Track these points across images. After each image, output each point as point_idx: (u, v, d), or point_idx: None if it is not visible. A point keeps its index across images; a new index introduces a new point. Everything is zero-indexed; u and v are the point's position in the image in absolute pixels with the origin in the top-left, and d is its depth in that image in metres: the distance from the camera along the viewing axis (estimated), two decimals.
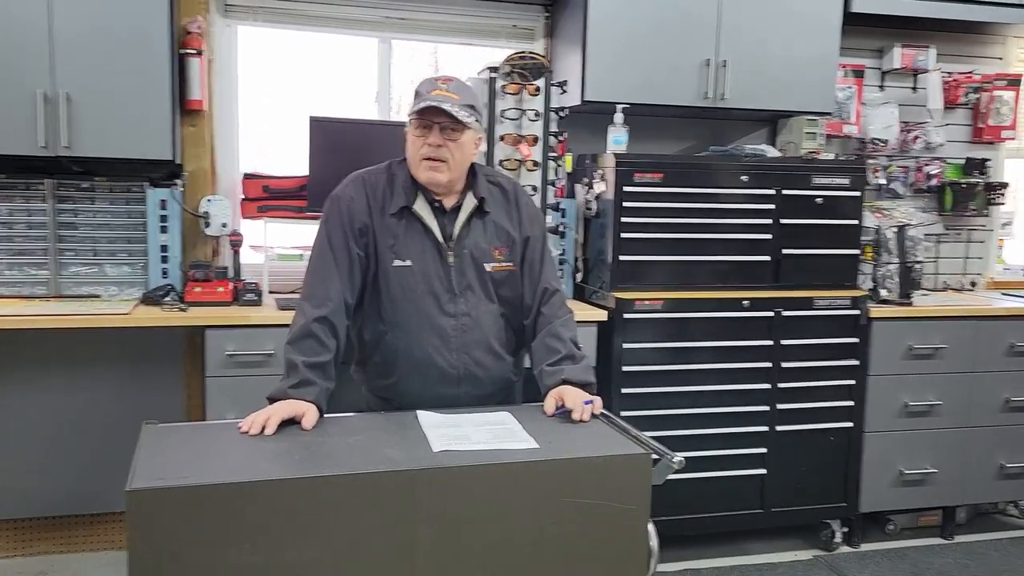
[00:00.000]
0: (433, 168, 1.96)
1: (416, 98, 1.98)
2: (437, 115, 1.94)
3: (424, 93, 1.96)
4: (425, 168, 1.97)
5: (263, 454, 1.61)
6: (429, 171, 1.97)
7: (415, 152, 1.98)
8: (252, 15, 3.35)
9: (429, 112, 1.93)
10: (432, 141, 1.95)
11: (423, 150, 1.96)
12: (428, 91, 1.95)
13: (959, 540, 3.59)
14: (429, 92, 1.95)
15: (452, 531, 1.54)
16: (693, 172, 3.20)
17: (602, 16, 3.21)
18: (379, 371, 2.07)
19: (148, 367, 3.24)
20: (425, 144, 1.96)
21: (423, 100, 1.93)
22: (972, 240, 4.13)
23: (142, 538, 1.39)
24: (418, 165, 1.98)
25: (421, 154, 1.96)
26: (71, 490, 3.17)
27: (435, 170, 1.97)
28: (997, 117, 4.02)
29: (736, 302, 3.19)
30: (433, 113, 1.93)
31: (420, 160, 1.97)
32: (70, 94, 2.82)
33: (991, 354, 3.50)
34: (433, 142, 1.95)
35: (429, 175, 1.97)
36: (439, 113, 1.93)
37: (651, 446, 1.70)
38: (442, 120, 1.94)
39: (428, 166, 1.96)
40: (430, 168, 1.97)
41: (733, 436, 3.23)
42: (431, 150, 1.95)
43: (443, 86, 1.96)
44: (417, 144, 1.97)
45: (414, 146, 1.99)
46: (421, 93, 1.97)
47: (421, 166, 1.97)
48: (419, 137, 1.97)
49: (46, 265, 3.09)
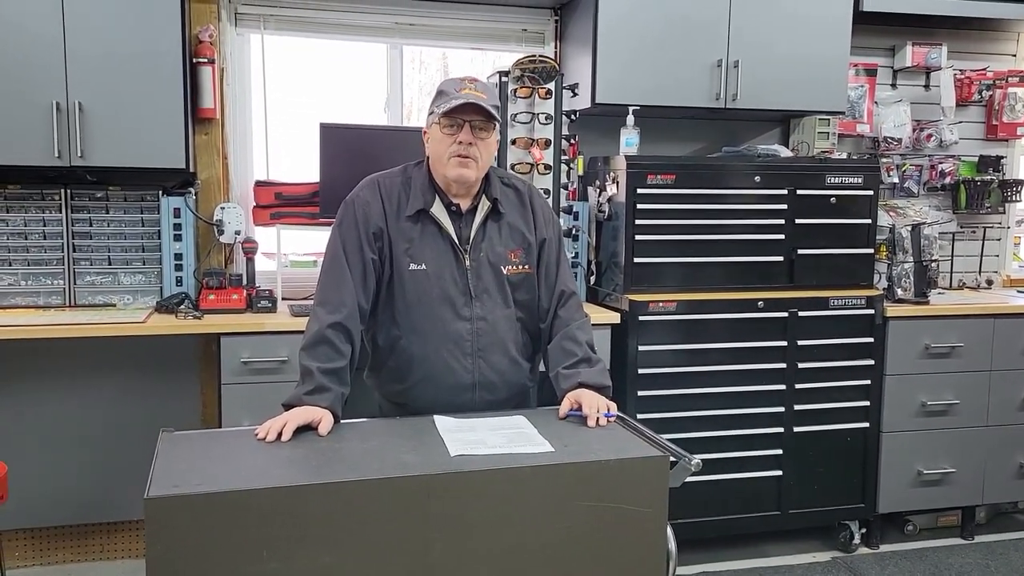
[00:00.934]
0: (463, 164, 1.94)
1: (441, 97, 1.95)
2: (470, 113, 1.92)
3: (453, 92, 1.93)
4: (455, 164, 1.94)
5: (279, 461, 1.61)
6: (459, 167, 1.94)
7: (443, 150, 1.95)
8: (263, 23, 3.36)
9: (462, 110, 1.91)
10: (464, 139, 1.93)
11: (453, 148, 1.94)
12: (457, 90, 1.93)
13: (979, 540, 3.56)
14: (459, 91, 1.93)
15: (468, 536, 1.54)
16: (706, 173, 3.19)
17: (612, 18, 3.21)
18: (393, 376, 2.05)
19: (163, 375, 3.25)
20: (456, 142, 1.93)
21: (454, 98, 1.91)
22: (988, 238, 4.10)
23: (160, 546, 1.39)
24: (447, 163, 1.95)
25: (451, 151, 1.94)
26: (88, 499, 3.19)
27: (465, 166, 1.94)
28: (1011, 114, 3.99)
29: (751, 303, 3.18)
30: (466, 111, 1.91)
31: (450, 157, 1.95)
32: (83, 104, 2.84)
33: (1009, 352, 3.47)
34: (465, 139, 1.93)
35: (459, 171, 1.94)
36: (472, 111, 1.91)
37: (668, 448, 1.69)
38: (474, 118, 1.93)
39: (459, 162, 1.94)
40: (460, 164, 1.94)
41: (749, 437, 3.21)
42: (462, 147, 1.93)
43: (471, 86, 1.94)
44: (447, 142, 1.95)
45: (442, 144, 1.95)
46: (448, 92, 1.94)
47: (451, 163, 1.95)
48: (449, 135, 1.94)
49: (61, 275, 3.12)
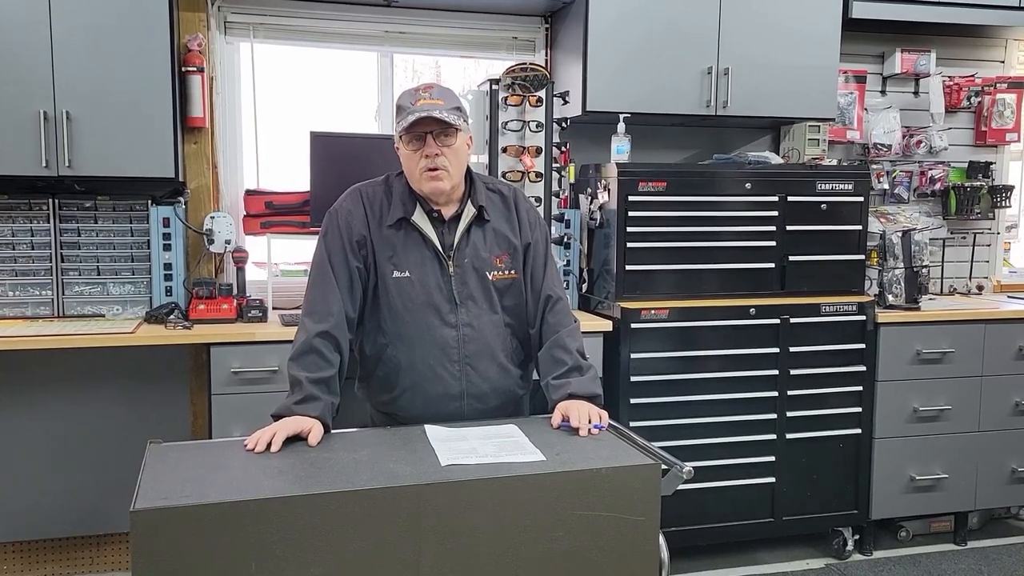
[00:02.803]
0: (435, 177, 1.94)
1: (400, 112, 1.96)
2: (428, 124, 1.92)
3: (408, 106, 1.94)
4: (427, 179, 1.95)
5: (268, 471, 1.60)
6: (432, 181, 1.95)
7: (413, 166, 1.96)
8: (252, 32, 3.35)
9: (419, 124, 1.92)
10: (428, 151, 1.93)
11: (422, 163, 1.94)
12: (412, 103, 1.93)
13: (972, 546, 3.56)
14: (414, 104, 1.93)
15: (459, 546, 1.53)
16: (697, 180, 3.19)
17: (603, 26, 3.21)
18: (381, 386, 2.05)
19: (153, 386, 3.23)
20: (422, 156, 1.94)
21: (409, 113, 1.91)
22: (978, 243, 4.11)
23: (147, 559, 1.37)
24: (419, 178, 1.96)
25: (420, 167, 1.94)
26: (76, 512, 3.16)
27: (437, 179, 1.95)
28: (1000, 120, 4.01)
29: (743, 310, 3.18)
30: (423, 124, 1.92)
31: (421, 172, 1.95)
32: (71, 113, 2.82)
33: (1000, 357, 3.48)
34: (430, 152, 1.93)
35: (432, 185, 1.95)
36: (429, 122, 1.91)
37: (660, 456, 1.69)
38: (433, 128, 1.93)
39: (430, 176, 1.94)
40: (432, 178, 1.95)
41: (742, 445, 3.20)
42: (429, 160, 1.93)
43: (425, 95, 1.94)
44: (414, 159, 1.95)
45: (411, 160, 1.97)
46: (405, 107, 1.95)
47: (423, 178, 1.95)
48: (415, 151, 1.95)
49: (49, 285, 3.09)
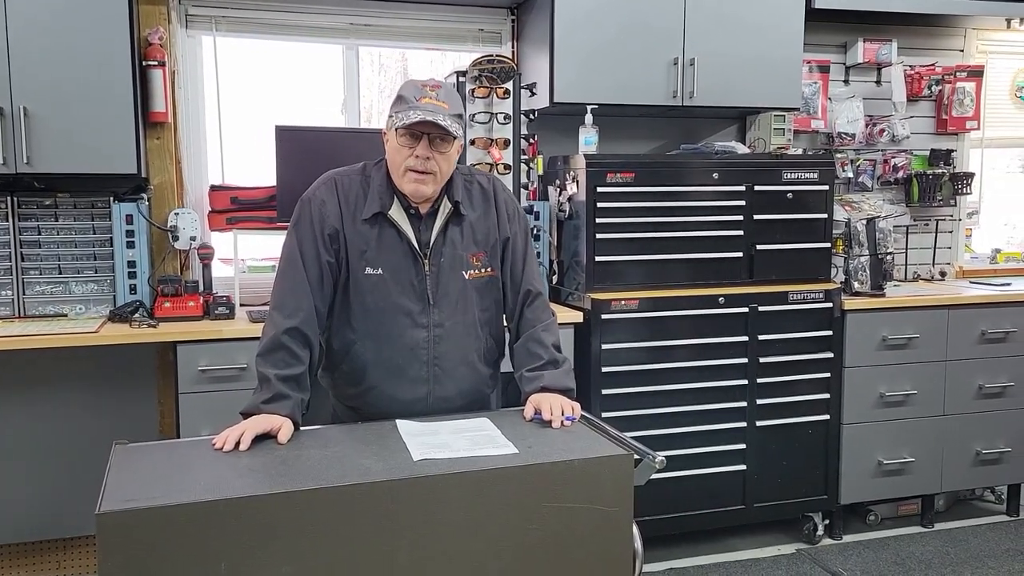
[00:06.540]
0: (419, 181, 1.87)
1: (401, 103, 1.86)
2: (428, 126, 1.83)
3: (412, 100, 1.83)
4: (410, 180, 1.87)
5: (237, 470, 1.58)
6: (415, 183, 1.87)
7: (400, 161, 1.87)
8: (215, 25, 3.30)
9: (419, 125, 1.82)
10: (421, 153, 1.84)
11: (409, 161, 1.85)
12: (417, 98, 1.83)
13: (939, 527, 3.62)
14: (419, 100, 1.83)
15: (433, 541, 1.52)
16: (664, 171, 3.21)
17: (569, 18, 3.21)
18: (347, 380, 2.00)
19: (119, 386, 3.17)
20: (412, 156, 1.85)
21: (413, 109, 1.82)
22: (940, 230, 4.18)
23: (113, 562, 1.35)
24: (402, 176, 1.88)
25: (407, 165, 1.86)
26: (41, 515, 3.10)
27: (421, 183, 1.87)
28: (960, 108, 4.08)
29: (712, 299, 3.20)
30: (423, 125, 1.83)
31: (405, 171, 1.87)
32: (28, 109, 2.75)
33: (964, 342, 3.54)
34: (422, 154, 1.84)
35: (415, 187, 1.87)
36: (429, 125, 1.82)
37: (632, 446, 1.69)
38: (431, 131, 1.84)
39: (414, 178, 1.86)
40: (416, 180, 1.87)
41: (713, 433, 3.23)
42: (419, 162, 1.85)
43: (432, 93, 1.85)
44: (404, 153, 1.86)
45: (399, 154, 1.87)
46: (408, 99, 1.85)
47: (406, 177, 1.87)
48: (406, 147, 1.86)
49: (9, 285, 3.02)
